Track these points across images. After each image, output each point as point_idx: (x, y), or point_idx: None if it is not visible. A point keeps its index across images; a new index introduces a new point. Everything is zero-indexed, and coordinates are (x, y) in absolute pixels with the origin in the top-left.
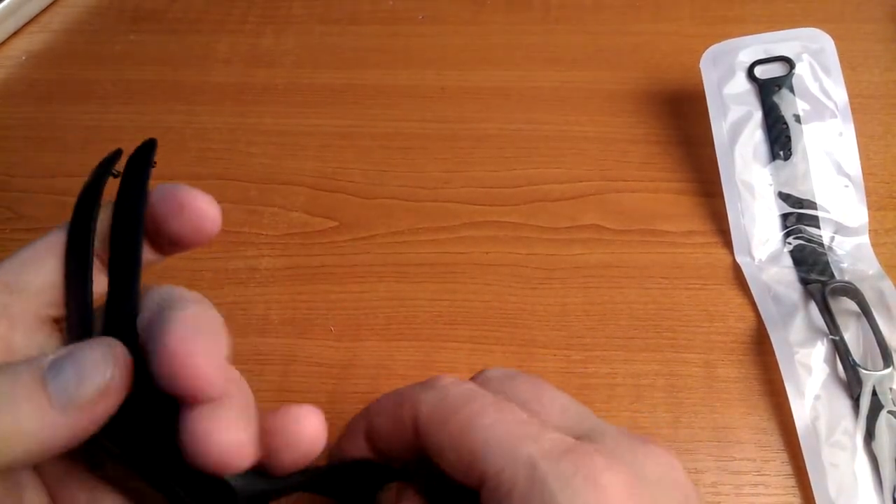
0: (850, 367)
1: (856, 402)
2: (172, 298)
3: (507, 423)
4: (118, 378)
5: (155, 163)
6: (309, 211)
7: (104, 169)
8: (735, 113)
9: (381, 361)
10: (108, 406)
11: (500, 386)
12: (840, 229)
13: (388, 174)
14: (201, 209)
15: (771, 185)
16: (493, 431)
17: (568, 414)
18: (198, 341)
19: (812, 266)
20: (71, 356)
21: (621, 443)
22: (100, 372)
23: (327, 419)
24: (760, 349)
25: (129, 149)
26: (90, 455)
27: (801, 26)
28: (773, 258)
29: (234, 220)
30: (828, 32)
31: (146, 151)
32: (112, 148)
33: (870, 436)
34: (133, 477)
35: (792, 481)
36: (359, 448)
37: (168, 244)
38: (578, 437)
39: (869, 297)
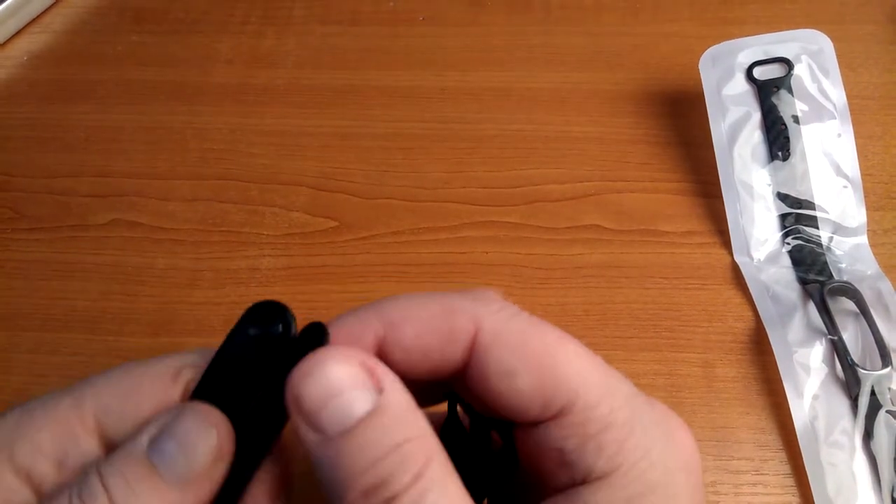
0: (849, 367)
1: (854, 401)
2: None
3: (591, 356)
4: (224, 440)
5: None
6: (310, 211)
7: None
8: (734, 114)
9: None
10: (223, 468)
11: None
12: (838, 229)
13: (388, 174)
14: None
15: (769, 185)
16: (584, 362)
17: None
18: None
19: (810, 266)
20: (167, 430)
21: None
22: (202, 438)
23: None
24: (759, 349)
25: (129, 148)
26: None
27: (800, 28)
28: (772, 258)
29: (235, 221)
30: (826, 34)
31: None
32: (112, 147)
33: (868, 435)
34: None
35: (790, 481)
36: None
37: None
38: None
39: (867, 297)
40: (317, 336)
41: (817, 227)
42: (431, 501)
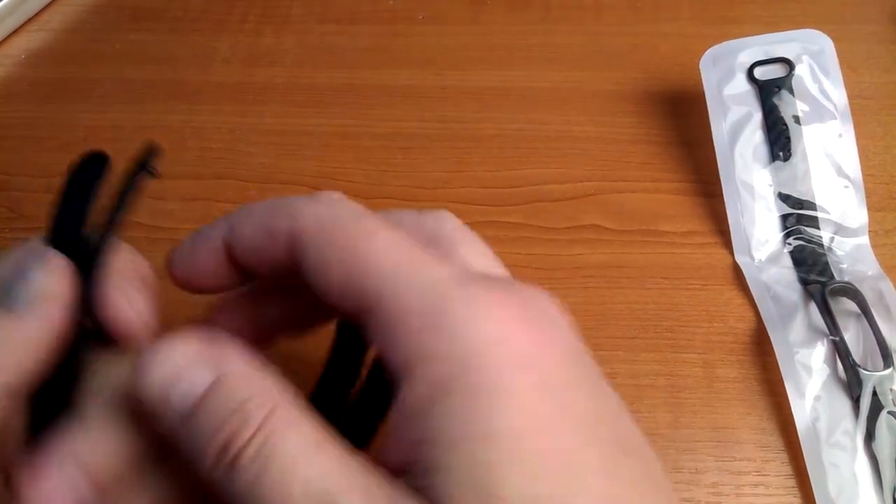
0: (851, 368)
1: (856, 402)
2: None
3: (407, 245)
4: (58, 283)
5: (152, 172)
6: None
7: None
8: (735, 114)
9: None
10: (61, 309)
11: (406, 219)
12: (840, 230)
13: (388, 174)
14: (127, 317)
15: (771, 185)
16: (391, 253)
17: (486, 258)
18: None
19: (812, 267)
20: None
21: (523, 286)
22: (39, 273)
23: None
24: (760, 349)
25: (129, 148)
26: None
27: (801, 27)
28: (773, 259)
29: None
30: (827, 34)
31: (145, 160)
32: (110, 146)
33: (870, 436)
34: None
35: (792, 482)
36: (215, 261)
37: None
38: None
39: (869, 297)
40: (97, 162)
41: (818, 228)
42: (273, 445)
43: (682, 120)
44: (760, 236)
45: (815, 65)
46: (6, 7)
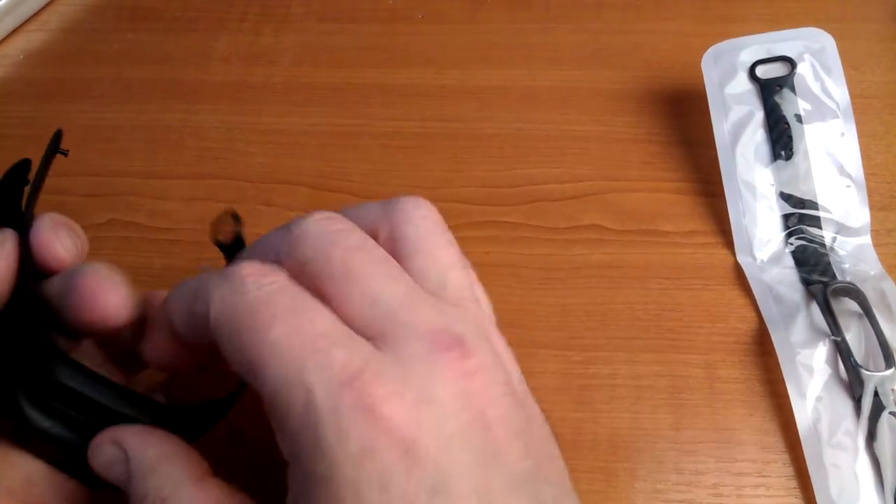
0: (852, 368)
1: (857, 403)
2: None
3: (298, 336)
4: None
5: (58, 151)
6: (308, 210)
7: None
8: (736, 113)
9: None
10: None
11: (315, 254)
12: (842, 230)
13: (387, 174)
14: (105, 303)
15: (772, 185)
16: (280, 348)
17: (378, 309)
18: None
19: (814, 266)
20: None
21: (417, 354)
22: None
23: None
24: (762, 350)
25: (128, 148)
26: None
27: (803, 26)
28: (775, 259)
29: None
30: (829, 32)
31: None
32: (108, 146)
33: (871, 437)
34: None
35: (794, 482)
36: (167, 343)
37: (81, 331)
38: (376, 339)
39: (871, 297)
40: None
41: (820, 228)
42: None
43: (684, 119)
44: (762, 236)
45: (817, 63)
46: (4, 7)
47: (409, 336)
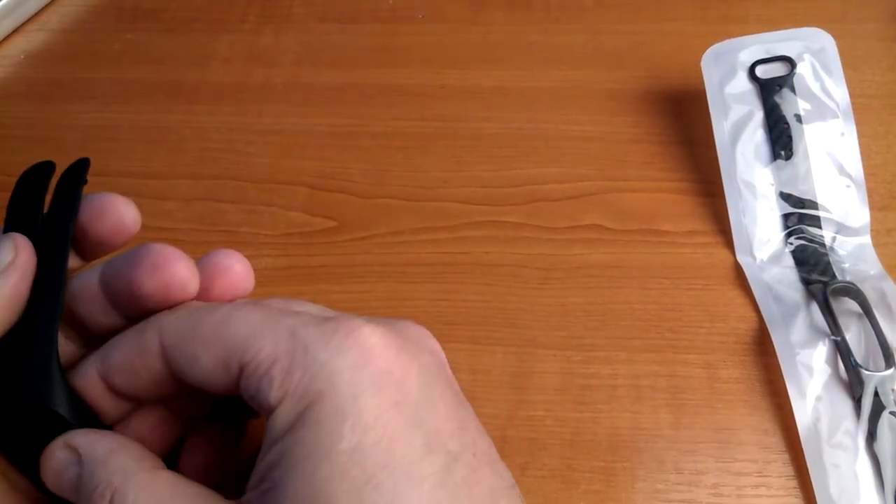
0: (852, 368)
1: (857, 402)
2: None
3: (263, 309)
4: (22, 258)
5: (87, 179)
6: (308, 211)
7: (41, 177)
8: (736, 113)
9: None
10: (27, 260)
11: (252, 301)
12: (842, 229)
13: (387, 174)
14: (120, 212)
15: (772, 185)
16: (250, 318)
17: (328, 311)
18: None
19: (813, 266)
20: None
21: (375, 318)
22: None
23: None
24: (762, 350)
25: (128, 149)
26: None
27: (803, 26)
28: (775, 258)
29: (233, 220)
30: (829, 32)
31: (80, 169)
32: (109, 146)
33: (871, 437)
34: None
35: (794, 482)
36: (94, 387)
37: (91, 248)
38: None
39: (871, 297)
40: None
41: (820, 227)
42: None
43: (683, 119)
44: (762, 236)
45: (817, 63)
46: (5, 7)
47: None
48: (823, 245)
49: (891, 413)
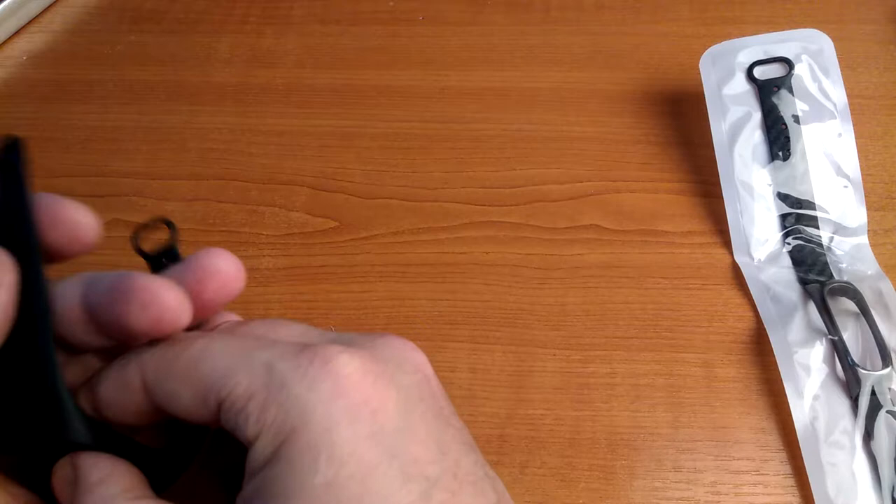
0: (849, 367)
1: (854, 401)
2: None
3: (239, 341)
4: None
5: (24, 159)
6: (309, 211)
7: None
8: (734, 113)
9: None
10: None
11: (231, 330)
12: (839, 230)
13: (388, 174)
14: (76, 220)
15: (770, 185)
16: (226, 352)
17: (309, 335)
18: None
19: (811, 266)
20: None
21: (358, 337)
22: None
23: None
24: (759, 349)
25: (128, 148)
26: None
27: (800, 27)
28: (772, 258)
29: (235, 221)
30: (827, 33)
31: (13, 150)
32: (111, 147)
33: (868, 435)
34: None
35: (791, 481)
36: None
37: (46, 256)
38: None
39: (868, 297)
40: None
41: (818, 228)
42: None
43: (682, 120)
44: (760, 236)
45: (815, 64)
46: (7, 9)
47: (342, 335)
48: (821, 245)
49: (888, 412)
